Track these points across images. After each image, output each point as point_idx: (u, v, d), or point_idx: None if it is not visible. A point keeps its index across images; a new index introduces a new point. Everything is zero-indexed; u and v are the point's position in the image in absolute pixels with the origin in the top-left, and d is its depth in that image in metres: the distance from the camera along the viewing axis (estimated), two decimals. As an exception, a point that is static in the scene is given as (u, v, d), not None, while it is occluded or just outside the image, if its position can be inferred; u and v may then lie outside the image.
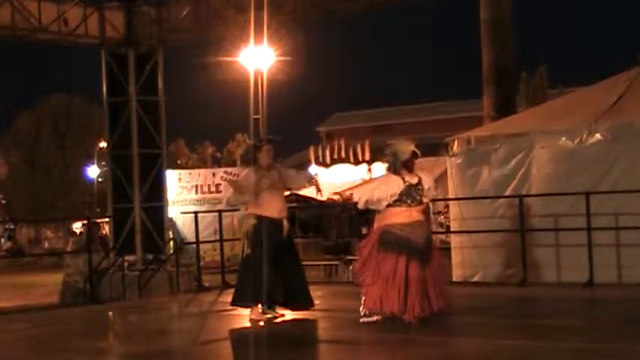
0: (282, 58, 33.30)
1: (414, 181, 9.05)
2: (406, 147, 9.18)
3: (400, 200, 8.98)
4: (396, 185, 8.99)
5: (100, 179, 45.77)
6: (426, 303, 8.82)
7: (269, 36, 16.99)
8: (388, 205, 8.97)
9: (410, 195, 9.01)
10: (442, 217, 21.18)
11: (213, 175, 27.29)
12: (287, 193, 10.27)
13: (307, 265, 13.52)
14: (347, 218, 16.96)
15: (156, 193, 16.64)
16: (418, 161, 9.25)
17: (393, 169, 9.11)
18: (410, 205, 8.99)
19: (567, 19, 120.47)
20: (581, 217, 11.68)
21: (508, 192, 12.83)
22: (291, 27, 17.79)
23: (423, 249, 8.90)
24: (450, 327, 9.30)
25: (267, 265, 9.36)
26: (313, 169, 29.99)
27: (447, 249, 14.86)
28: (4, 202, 50.23)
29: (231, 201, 10.17)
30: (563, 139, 12.47)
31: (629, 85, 13.05)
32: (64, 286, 16.44)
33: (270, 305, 9.55)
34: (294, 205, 23.58)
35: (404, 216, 8.98)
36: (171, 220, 20.20)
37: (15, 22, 15.36)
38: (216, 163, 53.42)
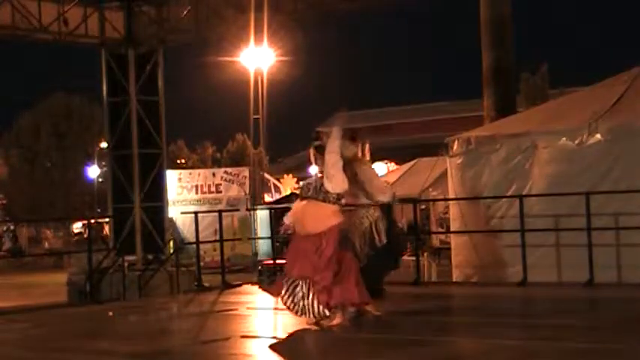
0: (282, 58, 33.33)
1: None
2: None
3: (342, 197, 9.15)
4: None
5: (100, 179, 45.76)
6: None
7: (269, 36, 17.03)
8: (334, 201, 9.04)
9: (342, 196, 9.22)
10: (442, 216, 21.19)
11: (213, 175, 27.32)
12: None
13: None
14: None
15: (156, 193, 16.63)
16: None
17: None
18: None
19: (567, 19, 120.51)
20: (582, 217, 11.68)
21: (508, 192, 12.83)
22: (290, 27, 17.82)
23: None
24: (450, 327, 9.31)
25: None
26: (313, 169, 30.02)
27: (447, 249, 14.88)
28: (4, 202, 50.21)
29: None
30: (564, 139, 12.47)
31: (629, 85, 13.05)
32: (69, 285, 16.44)
33: None
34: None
35: (342, 214, 9.17)
36: (171, 220, 20.20)
37: (15, 22, 15.34)
38: (216, 163, 53.36)
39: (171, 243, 17.53)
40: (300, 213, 9.14)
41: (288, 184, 31.10)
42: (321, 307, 8.89)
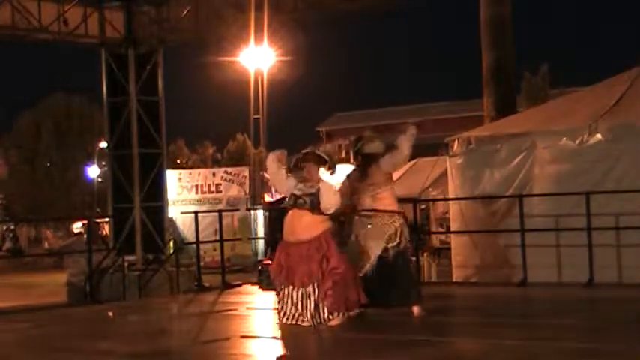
0: (282, 58, 33.31)
1: None
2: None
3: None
4: None
5: (100, 179, 45.77)
6: None
7: (269, 36, 17.02)
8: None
9: None
10: (442, 216, 21.17)
11: (213, 175, 27.31)
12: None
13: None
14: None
15: (156, 193, 16.63)
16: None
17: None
18: None
19: (567, 19, 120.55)
20: (582, 217, 11.69)
21: (509, 192, 12.82)
22: (291, 27, 17.79)
23: None
24: (450, 327, 9.31)
25: None
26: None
27: (447, 249, 14.88)
28: (4, 202, 50.21)
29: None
30: (564, 139, 12.46)
31: (629, 85, 13.04)
32: (69, 286, 16.45)
33: None
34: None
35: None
36: (171, 220, 20.20)
37: (15, 22, 15.34)
38: (216, 163, 53.36)
39: (171, 243, 17.52)
40: (290, 220, 9.18)
41: (288, 184, 30.96)
42: (326, 312, 8.94)
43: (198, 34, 16.86)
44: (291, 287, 9.06)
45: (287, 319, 9.07)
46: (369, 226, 9.49)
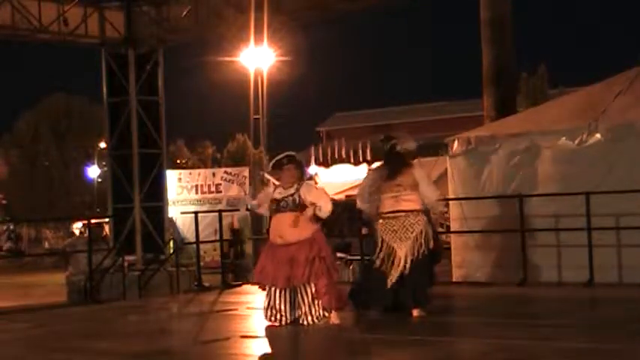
0: (282, 58, 33.29)
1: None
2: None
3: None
4: None
5: (99, 179, 45.79)
6: None
7: (269, 36, 17.01)
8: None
9: None
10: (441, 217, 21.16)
11: (213, 175, 27.29)
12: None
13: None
14: (347, 218, 16.96)
15: (156, 193, 16.63)
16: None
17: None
18: None
19: (567, 19, 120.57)
20: (582, 217, 11.69)
21: (508, 192, 12.83)
22: (291, 27, 17.79)
23: None
24: (450, 327, 9.32)
25: None
26: (312, 169, 30.02)
27: (447, 249, 14.88)
28: (4, 202, 50.22)
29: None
30: (564, 139, 12.46)
31: (629, 85, 13.03)
32: (69, 285, 16.46)
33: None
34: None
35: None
36: (171, 220, 20.19)
37: (15, 22, 15.35)
38: (216, 163, 53.35)
39: (171, 243, 17.53)
40: (276, 224, 9.19)
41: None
42: (320, 311, 8.98)
43: (198, 34, 16.86)
44: (274, 288, 9.13)
45: (272, 318, 9.17)
46: (394, 229, 9.48)
